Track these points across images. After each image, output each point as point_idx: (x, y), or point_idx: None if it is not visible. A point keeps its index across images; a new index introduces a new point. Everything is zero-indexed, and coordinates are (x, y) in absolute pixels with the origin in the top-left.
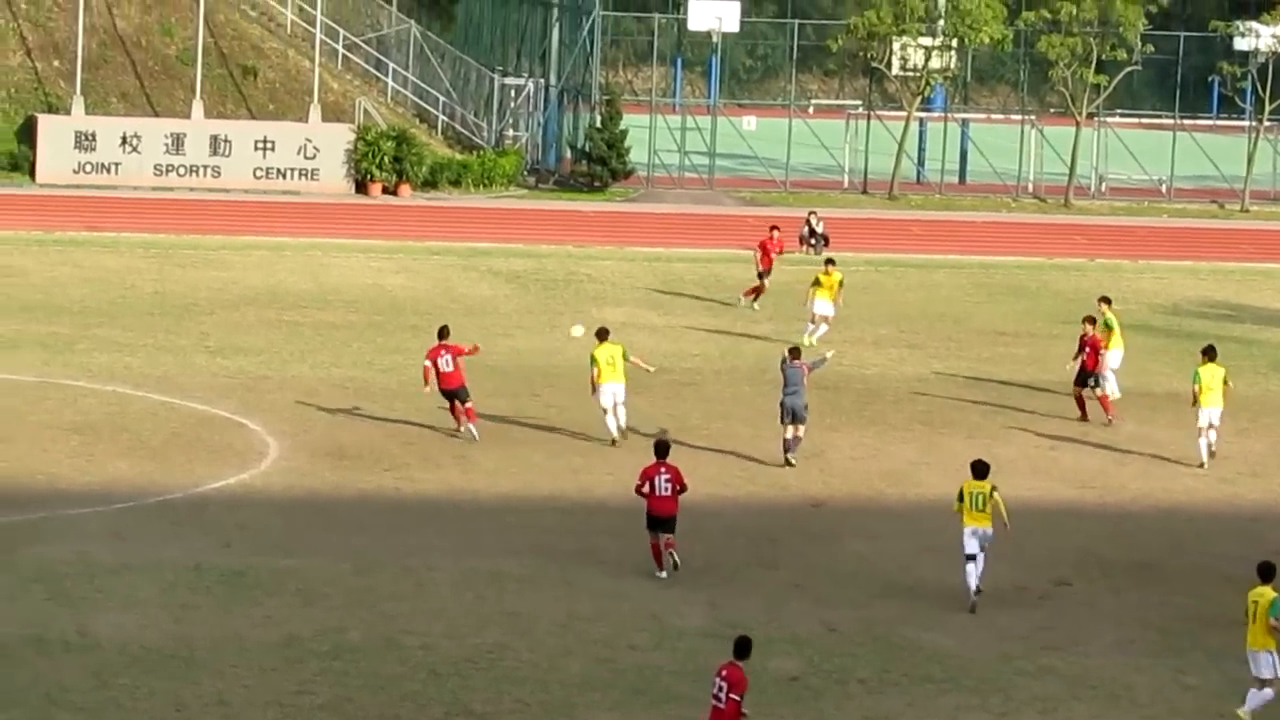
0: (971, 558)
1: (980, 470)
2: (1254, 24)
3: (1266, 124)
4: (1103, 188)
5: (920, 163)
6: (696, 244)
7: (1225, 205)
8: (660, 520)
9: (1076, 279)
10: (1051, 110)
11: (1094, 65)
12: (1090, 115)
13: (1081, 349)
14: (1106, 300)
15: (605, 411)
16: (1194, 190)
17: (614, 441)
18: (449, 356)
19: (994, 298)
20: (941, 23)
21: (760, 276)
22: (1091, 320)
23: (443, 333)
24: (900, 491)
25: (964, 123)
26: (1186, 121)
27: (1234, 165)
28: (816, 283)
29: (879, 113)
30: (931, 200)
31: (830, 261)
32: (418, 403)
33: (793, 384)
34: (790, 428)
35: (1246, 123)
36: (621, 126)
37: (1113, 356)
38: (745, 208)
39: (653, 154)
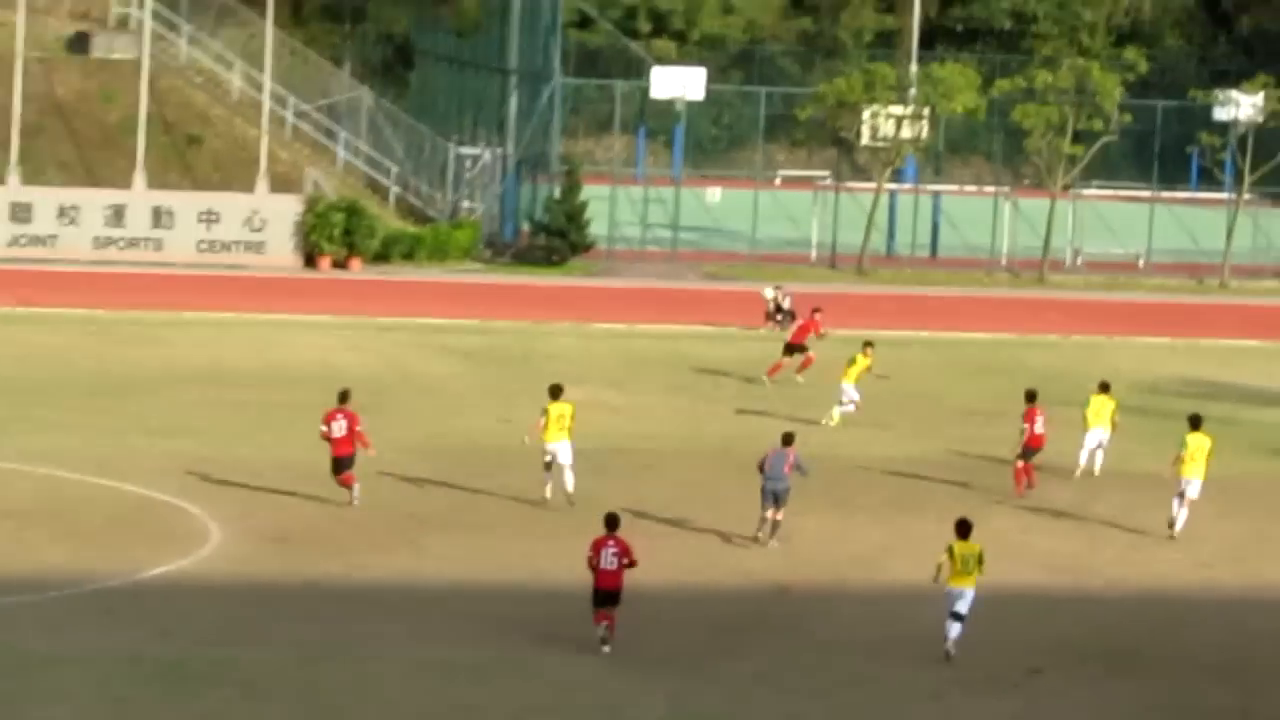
0: (958, 616)
1: (965, 529)
2: (1233, 93)
3: (1246, 197)
4: (1079, 262)
5: (890, 236)
6: (659, 320)
7: (1204, 280)
8: (605, 594)
9: (1052, 356)
10: (1026, 182)
11: (1070, 135)
12: (1066, 187)
13: (1027, 423)
14: (1105, 387)
15: (546, 468)
16: (1172, 265)
17: (544, 500)
18: (344, 422)
19: (967, 375)
20: (913, 91)
21: (790, 350)
22: (1032, 396)
23: (343, 397)
24: (868, 576)
25: (936, 195)
26: (1164, 194)
27: (1213, 239)
28: (853, 362)
29: (848, 184)
30: (902, 275)
31: (869, 344)
32: (366, 484)
33: (776, 470)
34: (770, 509)
35: (1226, 195)
36: (582, 198)
37: (1091, 436)
38: (709, 282)
39: (614, 226)
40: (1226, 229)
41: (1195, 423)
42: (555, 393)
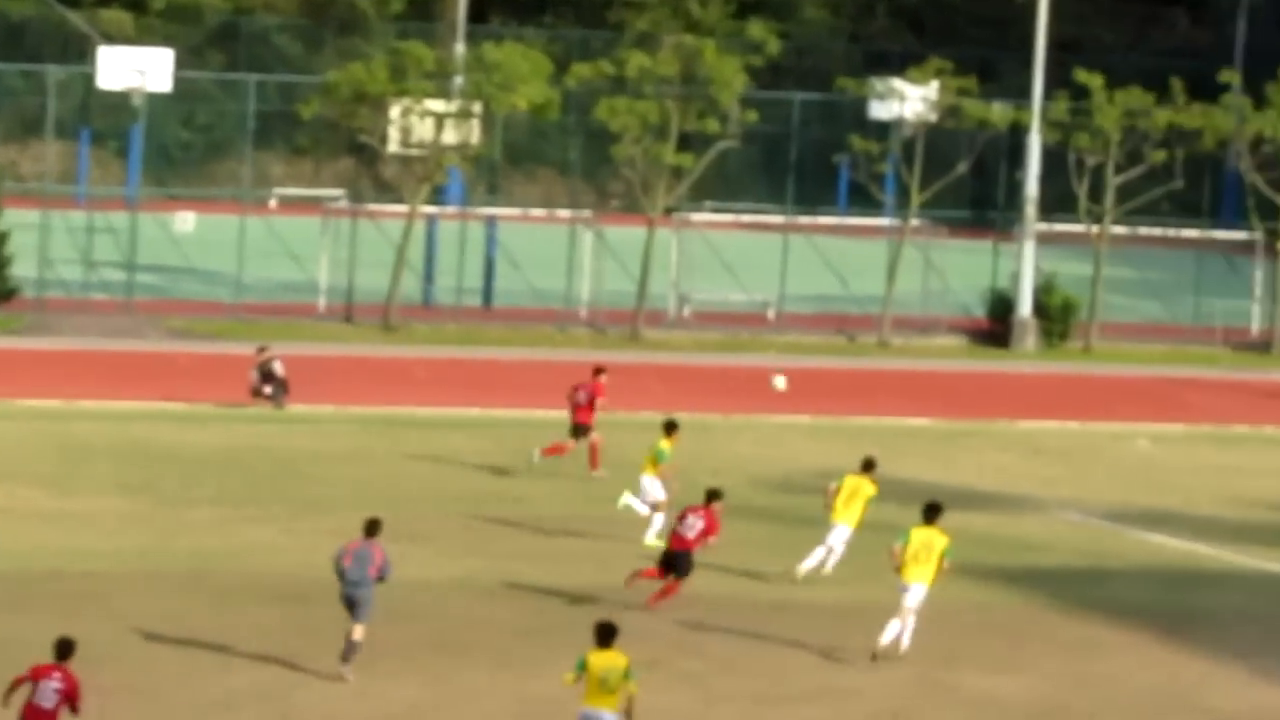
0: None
1: (932, 513)
2: (896, 83)
3: (914, 223)
4: (685, 312)
5: (429, 278)
6: (107, 394)
7: (856, 337)
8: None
9: (648, 440)
10: (615, 204)
11: (674, 140)
12: (669, 211)
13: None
14: (870, 465)
15: None
16: (814, 316)
17: None
18: None
19: (536, 468)
20: (459, 80)
21: (575, 433)
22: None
23: None
24: None
25: (491, 221)
26: (803, 219)
27: (869, 280)
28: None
29: (371, 207)
30: (444, 332)
31: (672, 425)
32: None
33: (357, 572)
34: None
35: (886, 221)
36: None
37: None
38: (177, 341)
39: (45, 266)
40: (887, 267)
41: (930, 513)
42: None
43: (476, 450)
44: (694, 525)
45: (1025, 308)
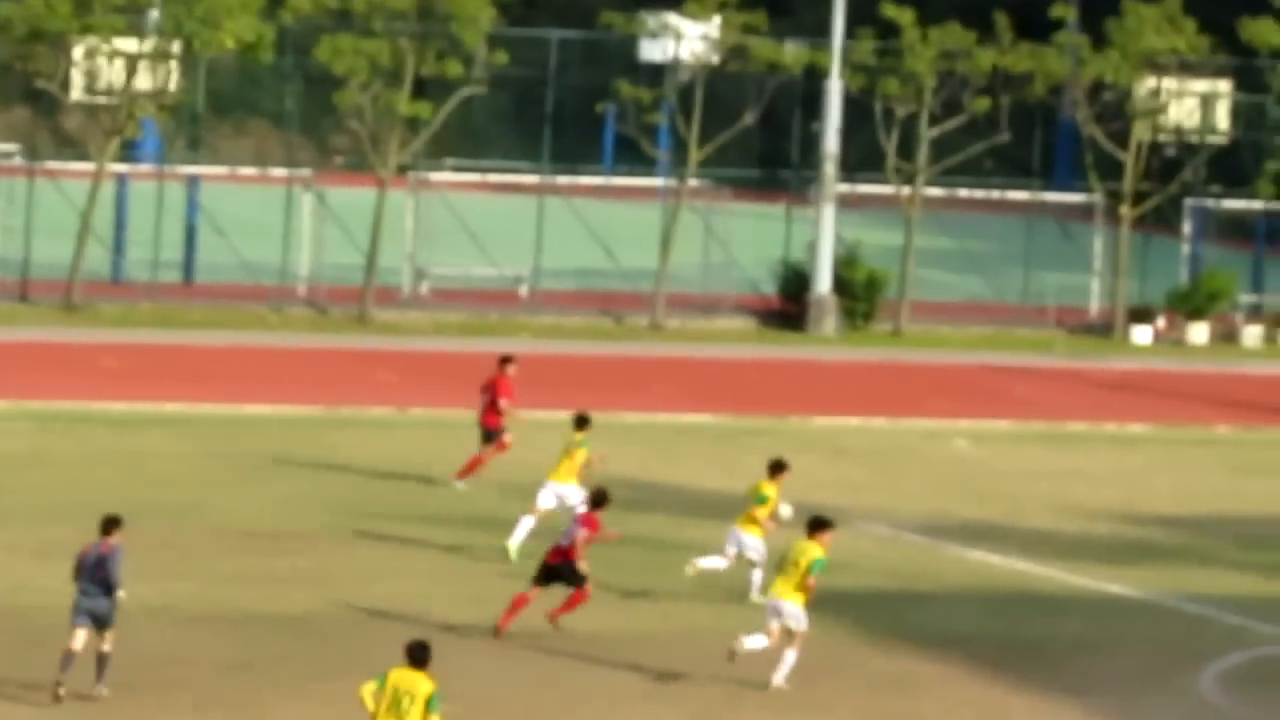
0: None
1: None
2: (672, 18)
3: (693, 183)
4: (423, 289)
5: (119, 249)
6: None
7: (625, 319)
8: None
9: (384, 440)
10: (340, 162)
11: (409, 86)
12: (403, 170)
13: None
14: (779, 467)
15: None
16: (575, 294)
17: None
18: None
19: (248, 475)
20: (154, 15)
21: (489, 437)
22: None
23: None
24: None
25: (192, 182)
26: (562, 180)
27: (640, 251)
28: (569, 454)
29: (50, 165)
30: (136, 313)
31: (583, 420)
32: None
33: (87, 575)
34: (87, 632)
35: (659, 182)
36: None
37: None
38: None
39: None
40: (661, 237)
41: (815, 526)
42: None
43: (177, 453)
44: (571, 533)
45: (824, 284)
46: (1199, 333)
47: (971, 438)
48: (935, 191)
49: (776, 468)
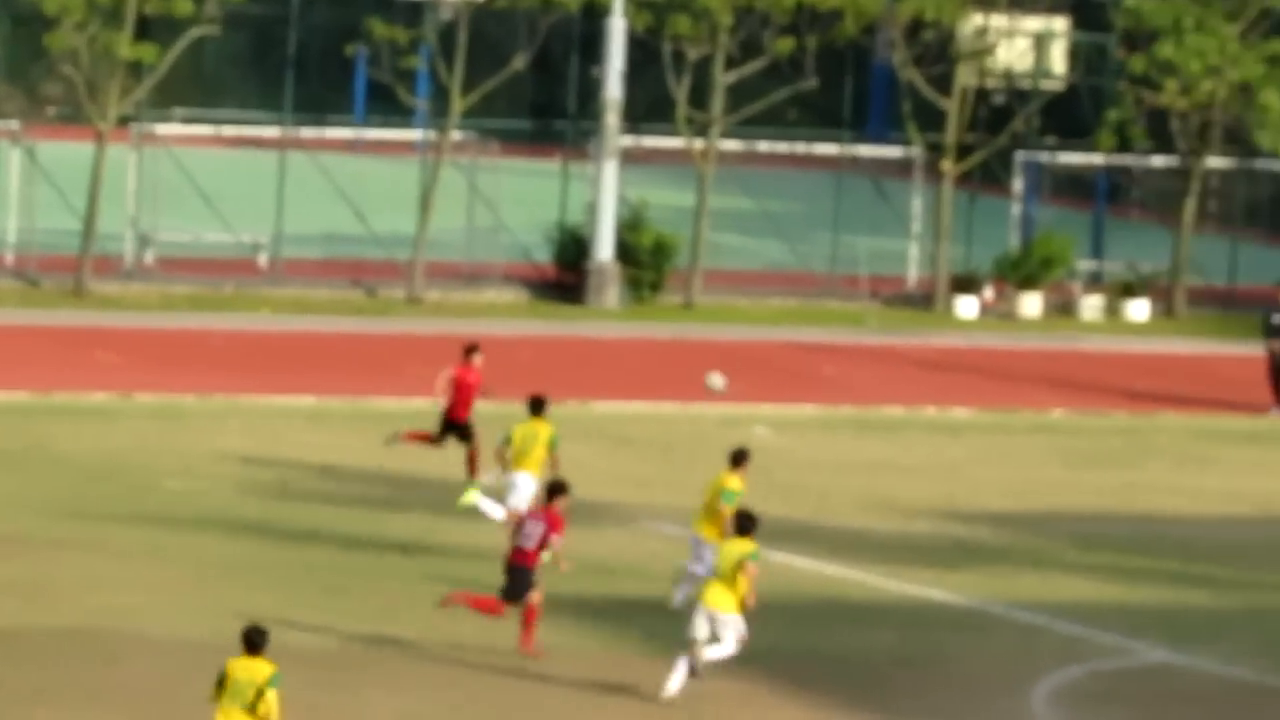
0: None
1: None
2: None
3: (456, 138)
4: (148, 258)
5: None
6: None
7: (379, 291)
8: None
9: (104, 430)
10: (51, 113)
11: (131, 26)
12: (125, 121)
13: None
14: (741, 457)
15: None
16: (322, 263)
17: None
18: None
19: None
20: None
21: (449, 430)
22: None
23: None
24: None
25: None
26: (306, 133)
27: (396, 215)
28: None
29: None
30: None
31: (539, 403)
32: None
33: None
34: None
35: (417, 134)
36: None
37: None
38: None
39: None
40: (420, 197)
41: (743, 526)
42: None
43: None
44: (533, 534)
45: (605, 250)
46: (1031, 304)
47: (773, 425)
48: (732, 145)
49: (739, 457)
